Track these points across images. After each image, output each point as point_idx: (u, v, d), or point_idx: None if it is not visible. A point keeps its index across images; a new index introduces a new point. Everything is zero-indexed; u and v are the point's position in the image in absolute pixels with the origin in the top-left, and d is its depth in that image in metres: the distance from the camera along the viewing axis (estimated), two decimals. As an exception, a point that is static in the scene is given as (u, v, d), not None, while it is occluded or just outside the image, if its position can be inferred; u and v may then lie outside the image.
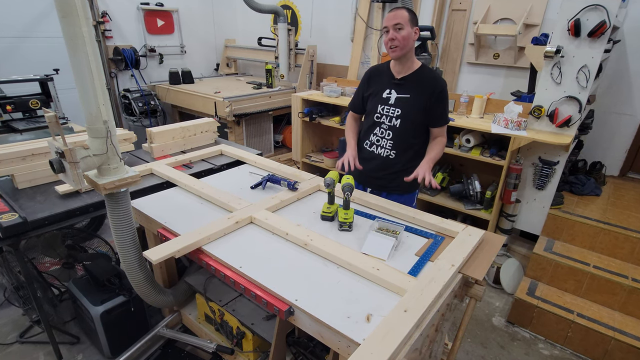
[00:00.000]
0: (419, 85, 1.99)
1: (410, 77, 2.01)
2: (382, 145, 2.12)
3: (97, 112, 1.43)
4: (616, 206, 3.05)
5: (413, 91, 2.00)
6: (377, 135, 2.12)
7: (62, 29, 1.32)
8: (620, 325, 2.46)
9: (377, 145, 2.13)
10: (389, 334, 1.14)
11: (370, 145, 2.16)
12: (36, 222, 1.80)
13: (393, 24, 1.86)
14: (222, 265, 1.52)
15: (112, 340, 2.18)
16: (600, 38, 2.47)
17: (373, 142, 2.14)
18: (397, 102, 2.03)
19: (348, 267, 1.48)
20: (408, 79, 2.01)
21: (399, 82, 2.03)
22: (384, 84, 2.08)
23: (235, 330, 1.92)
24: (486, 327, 2.71)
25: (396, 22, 1.86)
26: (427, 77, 2.00)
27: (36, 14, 3.99)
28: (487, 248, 1.67)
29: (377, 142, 2.13)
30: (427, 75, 2.00)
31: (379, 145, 2.13)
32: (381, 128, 2.10)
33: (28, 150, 2.07)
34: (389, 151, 2.11)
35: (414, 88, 2.00)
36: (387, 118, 2.07)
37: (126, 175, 1.57)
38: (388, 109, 2.06)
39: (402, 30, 1.87)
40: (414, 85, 2.00)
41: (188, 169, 2.42)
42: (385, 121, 2.08)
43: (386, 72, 2.08)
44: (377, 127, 2.11)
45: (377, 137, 2.13)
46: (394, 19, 1.86)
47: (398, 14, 1.86)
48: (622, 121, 3.29)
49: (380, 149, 2.12)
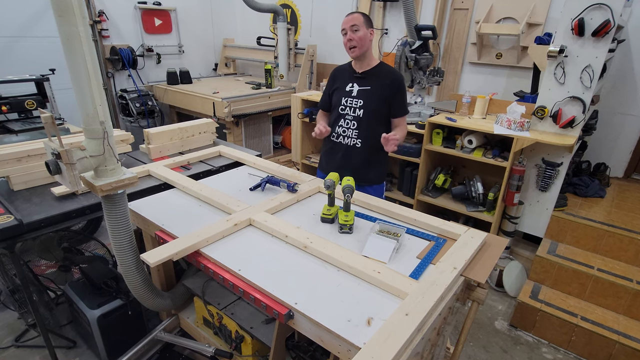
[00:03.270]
0: (378, 77, 2.20)
1: (370, 72, 2.22)
2: (348, 135, 2.29)
3: (93, 112, 1.42)
4: (621, 208, 3.03)
5: (373, 83, 2.21)
6: (342, 127, 2.30)
7: (58, 29, 1.31)
8: (625, 329, 2.44)
9: (343, 136, 2.31)
10: (390, 337, 1.13)
11: (337, 137, 2.33)
12: (32, 224, 1.78)
13: (350, 26, 2.09)
14: (221, 268, 1.51)
15: (109, 344, 2.16)
16: (604, 37, 2.45)
17: (340, 134, 2.32)
18: (359, 94, 2.23)
19: (348, 270, 1.47)
20: (368, 73, 2.22)
21: (360, 75, 2.23)
22: (346, 79, 2.29)
23: (234, 334, 1.91)
24: (489, 331, 2.68)
25: (352, 24, 2.08)
26: (386, 71, 2.23)
27: (32, 13, 3.97)
28: (490, 251, 1.65)
29: (343, 132, 2.30)
30: (386, 70, 2.23)
31: (345, 136, 2.30)
32: (346, 119, 2.28)
33: (24, 151, 2.05)
34: (354, 140, 2.28)
35: (374, 80, 2.21)
36: (350, 109, 2.25)
37: (123, 177, 1.56)
38: (351, 100, 2.25)
39: (358, 32, 2.09)
40: (374, 78, 2.21)
41: (186, 171, 2.40)
42: (349, 112, 2.26)
43: (348, 69, 2.30)
44: (342, 119, 2.29)
45: (342, 128, 2.30)
46: (351, 21, 2.09)
47: (354, 17, 2.10)
48: (627, 122, 3.27)
49: (347, 138, 2.29)
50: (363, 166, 2.30)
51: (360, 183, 2.28)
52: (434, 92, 4.17)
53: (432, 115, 3.24)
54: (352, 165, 2.30)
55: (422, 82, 3.32)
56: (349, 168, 2.28)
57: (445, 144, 3.20)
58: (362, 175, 2.29)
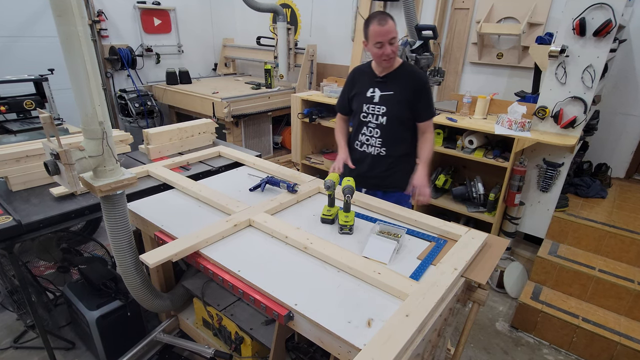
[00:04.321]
0: (401, 81, 2.05)
1: (392, 75, 2.06)
2: (371, 144, 2.16)
3: (92, 113, 1.42)
4: (622, 209, 3.02)
5: (396, 87, 2.05)
6: (365, 135, 2.17)
7: (57, 28, 1.31)
8: (627, 330, 2.42)
9: (367, 145, 2.18)
10: (391, 339, 1.13)
11: (361, 145, 2.20)
12: (31, 225, 1.78)
13: (389, 39, 1.90)
14: (220, 269, 1.51)
15: (108, 345, 2.16)
16: (605, 37, 2.44)
17: (363, 142, 2.19)
18: (382, 100, 2.08)
19: (349, 270, 1.47)
20: (390, 77, 2.07)
21: (381, 79, 2.08)
22: (366, 83, 2.13)
23: (233, 336, 1.91)
24: (489, 332, 2.67)
25: (392, 36, 1.90)
26: (408, 72, 2.07)
27: (31, 12, 3.96)
28: (491, 251, 1.65)
29: (367, 141, 2.17)
30: (408, 70, 2.07)
31: (369, 145, 2.17)
32: (369, 127, 2.15)
33: (22, 151, 2.04)
34: (378, 149, 2.15)
35: (396, 84, 2.06)
36: (373, 117, 2.11)
37: (122, 177, 1.56)
38: (373, 107, 2.10)
39: (395, 42, 1.93)
40: (396, 81, 2.06)
41: (185, 171, 2.40)
42: (372, 120, 2.12)
43: (368, 72, 2.13)
44: (365, 127, 2.16)
45: (366, 136, 2.17)
46: (389, 33, 1.89)
47: (390, 28, 1.88)
48: (628, 122, 3.26)
49: (371, 147, 2.17)
50: (389, 173, 2.18)
51: (387, 190, 2.21)
52: (434, 92, 4.15)
53: (432, 116, 3.23)
54: (378, 174, 2.18)
55: (423, 82, 3.30)
56: (375, 176, 2.19)
57: (445, 144, 3.19)
58: (388, 182, 2.19)
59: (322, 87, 4.11)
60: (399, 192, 2.20)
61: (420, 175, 2.04)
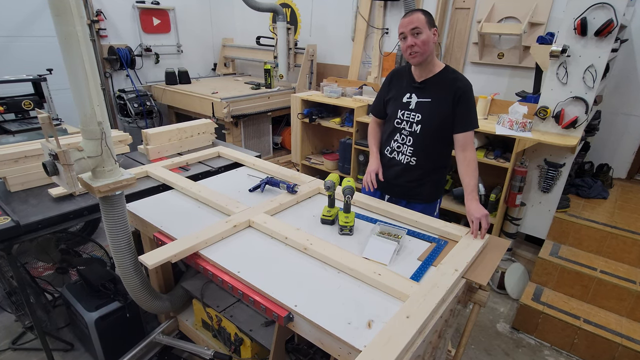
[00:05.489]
0: (440, 88, 1.89)
1: (431, 80, 1.91)
2: (402, 152, 2.04)
3: (91, 113, 1.41)
4: (624, 209, 3.01)
5: (434, 95, 1.90)
6: (397, 142, 2.04)
7: (56, 28, 1.30)
8: (628, 331, 2.41)
9: (397, 152, 2.06)
10: (391, 340, 1.12)
11: (392, 152, 2.08)
12: (29, 225, 1.78)
13: (410, 29, 1.76)
14: (220, 270, 1.50)
15: (107, 347, 2.15)
16: (607, 37, 2.43)
17: (394, 149, 2.07)
18: (418, 107, 1.94)
19: (349, 272, 1.46)
20: (429, 82, 1.91)
21: (419, 85, 1.94)
22: (404, 87, 2.00)
23: (233, 337, 1.90)
24: (490, 334, 2.66)
25: (413, 26, 1.75)
26: (450, 78, 1.89)
27: (29, 12, 3.95)
28: (492, 252, 1.65)
29: (398, 148, 2.05)
30: (450, 77, 1.89)
31: (399, 152, 2.05)
32: (402, 134, 2.02)
33: (21, 152, 2.04)
34: (409, 158, 2.02)
35: (435, 91, 1.90)
36: (407, 124, 1.98)
37: (121, 178, 1.55)
38: (408, 114, 1.97)
39: (420, 35, 1.76)
40: (435, 88, 1.90)
41: (185, 172, 2.39)
42: (405, 127, 1.99)
43: (407, 75, 1.99)
44: (398, 133, 2.03)
45: (397, 143, 2.05)
46: (411, 23, 1.76)
47: (414, 18, 1.75)
48: (630, 122, 3.25)
49: (401, 155, 2.04)
50: (417, 184, 2.06)
51: (411, 200, 2.11)
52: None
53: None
54: (405, 183, 2.08)
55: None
56: (402, 185, 2.09)
57: (446, 144, 3.18)
58: (415, 193, 2.09)
59: (322, 87, 4.10)
60: (422, 204, 2.10)
61: (477, 207, 1.75)
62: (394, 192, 2.16)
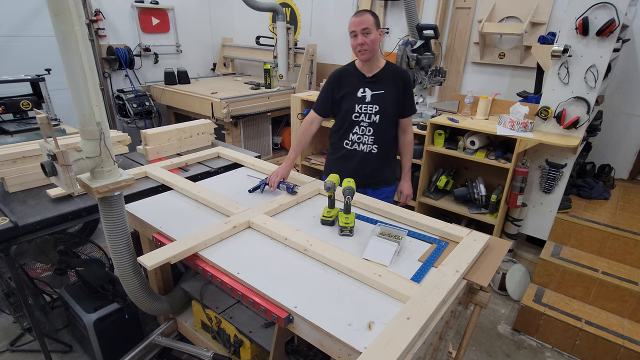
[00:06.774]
0: (389, 80, 2.13)
1: (380, 74, 2.13)
2: (363, 142, 2.21)
3: (90, 113, 1.40)
4: (625, 210, 3.00)
5: (386, 86, 2.13)
6: (357, 134, 2.21)
7: (54, 28, 1.29)
8: (630, 333, 2.40)
9: (358, 143, 2.22)
10: (392, 342, 1.12)
11: (352, 144, 2.24)
12: (27, 226, 1.77)
13: (361, 29, 1.97)
14: (219, 271, 1.49)
15: (106, 348, 2.14)
16: (609, 37, 2.42)
17: (354, 141, 2.23)
18: (374, 99, 2.14)
19: (349, 273, 1.46)
20: (379, 76, 2.13)
21: (371, 79, 2.14)
22: (355, 83, 2.17)
23: (232, 339, 1.89)
24: (491, 335, 2.65)
25: (364, 26, 1.96)
26: (395, 71, 2.16)
27: (27, 12, 3.94)
28: (493, 253, 1.64)
29: (359, 139, 2.22)
30: (394, 70, 2.17)
31: (360, 142, 2.22)
32: (360, 126, 2.19)
33: (19, 152, 2.03)
34: (370, 146, 2.21)
35: (385, 83, 2.13)
36: (366, 116, 2.17)
37: (120, 179, 1.54)
38: (366, 107, 2.15)
39: (370, 35, 1.98)
40: (385, 80, 2.13)
41: (184, 172, 2.38)
42: (364, 119, 2.17)
43: (355, 73, 2.18)
44: (357, 126, 2.20)
45: (357, 135, 2.21)
46: (362, 23, 1.96)
47: (365, 19, 1.96)
48: (632, 122, 3.24)
49: (362, 145, 2.22)
50: (379, 170, 2.27)
51: (376, 186, 2.30)
52: (435, 92, 4.14)
53: (434, 116, 3.22)
54: (368, 171, 2.24)
55: (424, 83, 3.29)
56: (365, 173, 2.23)
57: (447, 145, 3.17)
58: (378, 178, 2.28)
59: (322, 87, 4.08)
60: (387, 188, 2.33)
61: (408, 185, 2.38)
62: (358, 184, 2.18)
